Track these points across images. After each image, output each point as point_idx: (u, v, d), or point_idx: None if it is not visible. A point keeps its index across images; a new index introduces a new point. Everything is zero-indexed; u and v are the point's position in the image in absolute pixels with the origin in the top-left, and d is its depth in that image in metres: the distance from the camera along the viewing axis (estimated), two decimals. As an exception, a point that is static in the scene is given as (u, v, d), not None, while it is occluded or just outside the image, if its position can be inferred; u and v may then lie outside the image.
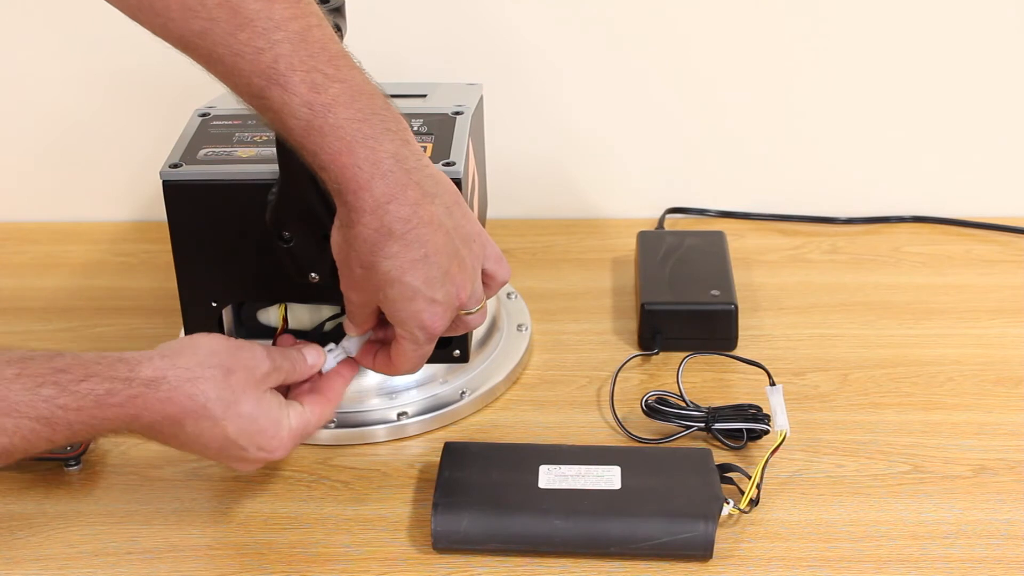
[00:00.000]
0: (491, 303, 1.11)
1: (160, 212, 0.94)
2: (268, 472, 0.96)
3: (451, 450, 0.93)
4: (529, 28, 1.25)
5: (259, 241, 0.91)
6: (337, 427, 0.99)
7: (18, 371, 0.75)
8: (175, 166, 0.93)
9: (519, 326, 1.11)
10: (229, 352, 0.82)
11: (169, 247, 0.94)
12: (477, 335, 1.05)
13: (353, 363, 0.91)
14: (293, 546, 0.89)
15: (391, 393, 1.01)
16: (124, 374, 0.77)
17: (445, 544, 0.87)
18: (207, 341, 0.83)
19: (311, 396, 0.88)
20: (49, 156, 1.32)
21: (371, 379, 1.00)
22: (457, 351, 0.98)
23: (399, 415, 1.00)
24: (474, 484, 0.90)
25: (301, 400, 0.87)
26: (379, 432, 0.99)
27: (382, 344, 0.89)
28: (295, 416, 0.85)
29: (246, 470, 0.87)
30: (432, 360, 0.98)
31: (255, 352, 0.84)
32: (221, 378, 0.80)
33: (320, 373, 0.89)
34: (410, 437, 1.00)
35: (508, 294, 1.16)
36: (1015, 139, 1.29)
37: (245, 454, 0.83)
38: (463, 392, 1.03)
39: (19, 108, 1.30)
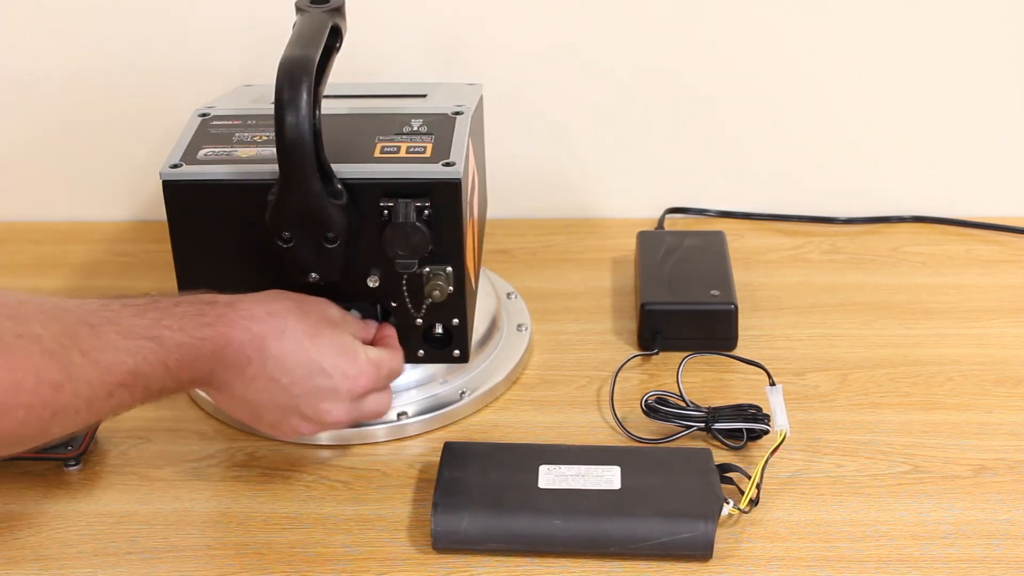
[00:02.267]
0: (491, 303, 1.11)
1: (160, 212, 0.94)
2: (268, 472, 0.96)
3: (451, 450, 0.93)
4: (529, 28, 1.25)
5: (259, 241, 0.91)
6: None
7: (123, 303, 0.79)
8: (175, 166, 0.92)
9: (519, 326, 1.11)
10: (299, 297, 0.89)
11: (169, 247, 0.94)
12: (477, 335, 1.05)
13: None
14: (293, 546, 0.89)
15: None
16: (207, 299, 0.83)
17: (445, 544, 0.87)
18: (273, 292, 0.89)
19: (378, 345, 0.93)
20: (49, 156, 1.32)
21: (371, 379, 1.01)
22: (457, 351, 0.98)
23: (399, 415, 1.00)
24: (474, 484, 0.90)
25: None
26: (379, 432, 0.99)
27: None
28: (371, 351, 0.90)
29: (334, 417, 0.88)
30: (432, 360, 0.98)
31: (323, 300, 0.91)
32: (293, 305, 0.86)
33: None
34: (410, 437, 1.00)
35: (508, 294, 1.16)
36: (1015, 139, 1.29)
37: (331, 382, 0.86)
38: (463, 392, 1.03)
39: (19, 108, 1.30)
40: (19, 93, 1.29)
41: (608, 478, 0.89)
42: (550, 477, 0.90)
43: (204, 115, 1.00)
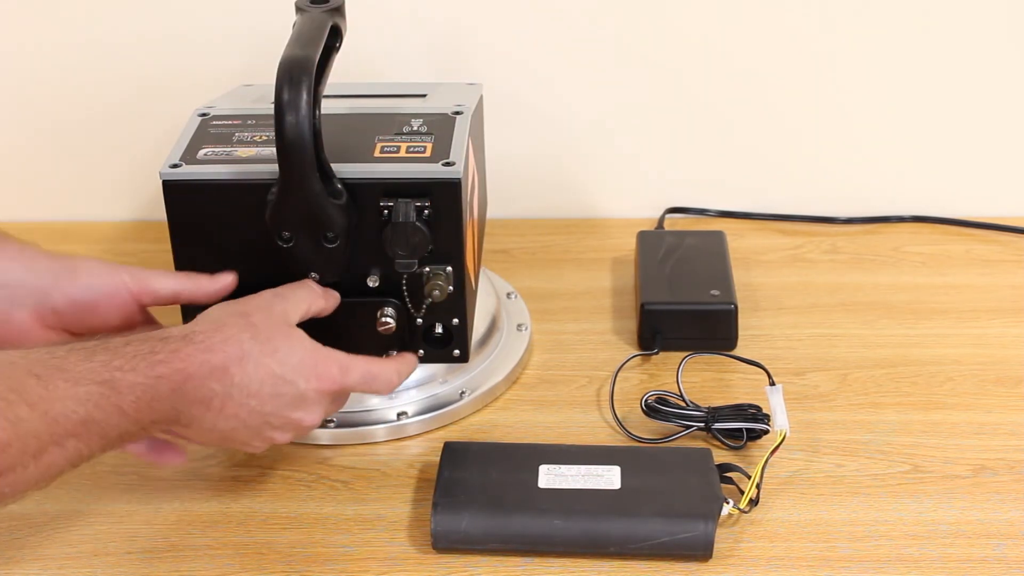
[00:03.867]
0: (491, 303, 1.11)
1: (160, 212, 0.93)
2: (268, 472, 0.96)
3: (451, 450, 0.93)
4: (529, 29, 1.25)
5: (259, 241, 0.91)
6: (337, 427, 0.99)
7: (69, 348, 0.77)
8: (175, 166, 0.92)
9: (519, 326, 1.11)
10: (236, 303, 0.86)
11: (169, 247, 0.94)
12: (477, 335, 1.05)
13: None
14: (292, 546, 0.89)
15: (391, 393, 1.01)
16: (159, 335, 0.80)
17: (445, 544, 0.87)
18: (213, 308, 0.86)
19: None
20: (49, 156, 1.32)
21: (371, 379, 1.01)
22: (457, 351, 0.98)
23: (399, 415, 1.00)
24: (474, 484, 0.90)
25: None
26: (379, 432, 1.00)
27: None
28: (345, 356, 0.88)
29: (308, 422, 0.86)
30: (432, 360, 0.98)
31: (261, 295, 0.88)
32: (243, 323, 0.83)
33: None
34: (410, 437, 1.00)
35: (508, 294, 1.16)
36: (1015, 139, 1.29)
37: (297, 389, 0.84)
38: (463, 392, 1.03)
39: (19, 108, 1.30)
40: (19, 93, 1.29)
41: (608, 478, 0.89)
42: (550, 477, 0.90)
43: (204, 115, 1.00)
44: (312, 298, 0.90)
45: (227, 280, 0.92)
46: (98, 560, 0.88)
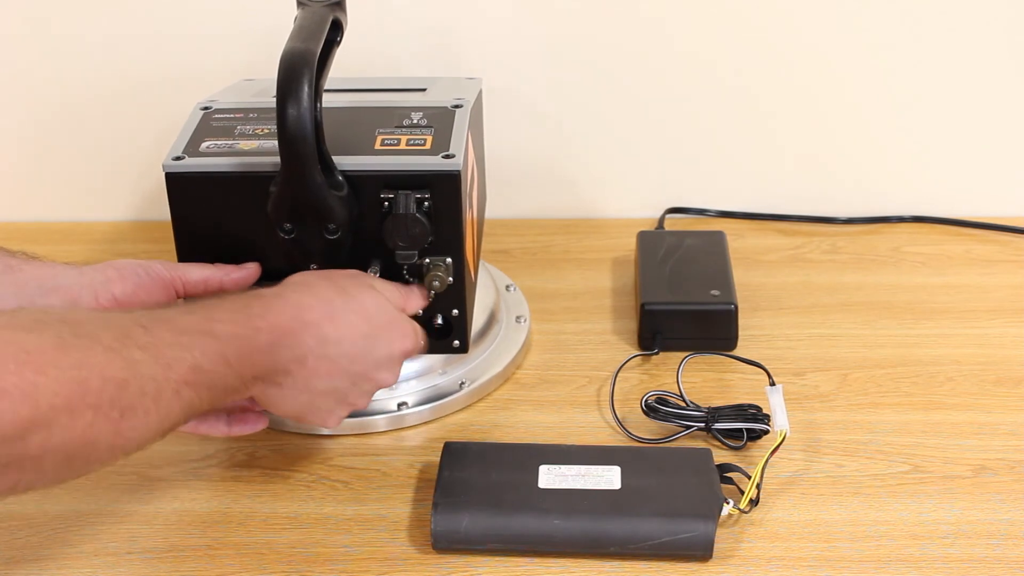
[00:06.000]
0: (490, 295, 1.11)
1: (160, 212, 0.94)
2: (268, 472, 0.96)
3: (451, 450, 0.93)
4: (529, 27, 1.25)
5: (261, 233, 0.91)
6: None
7: (167, 307, 0.80)
8: (178, 158, 0.93)
9: (518, 318, 1.12)
10: (331, 274, 0.89)
11: (169, 246, 0.94)
12: (476, 327, 1.05)
13: None
14: (293, 546, 0.89)
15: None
16: (252, 294, 0.83)
17: (445, 544, 0.87)
18: (299, 274, 0.89)
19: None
20: (49, 156, 1.32)
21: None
22: (457, 342, 0.98)
23: (399, 405, 1.00)
24: (474, 484, 0.90)
25: None
26: (379, 422, 1.00)
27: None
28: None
29: (388, 382, 0.88)
30: (432, 351, 0.98)
31: (349, 272, 0.91)
32: (331, 284, 0.86)
33: None
34: (409, 427, 1.00)
35: (507, 287, 1.16)
36: (1015, 139, 1.29)
37: (387, 349, 0.86)
38: (462, 383, 1.03)
39: (19, 108, 1.30)
40: (19, 93, 1.29)
41: (608, 478, 0.89)
42: (550, 477, 0.90)
43: (206, 108, 1.00)
44: (400, 291, 0.92)
45: (252, 268, 0.94)
46: (98, 560, 0.88)
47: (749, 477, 0.90)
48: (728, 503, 0.88)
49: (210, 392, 0.76)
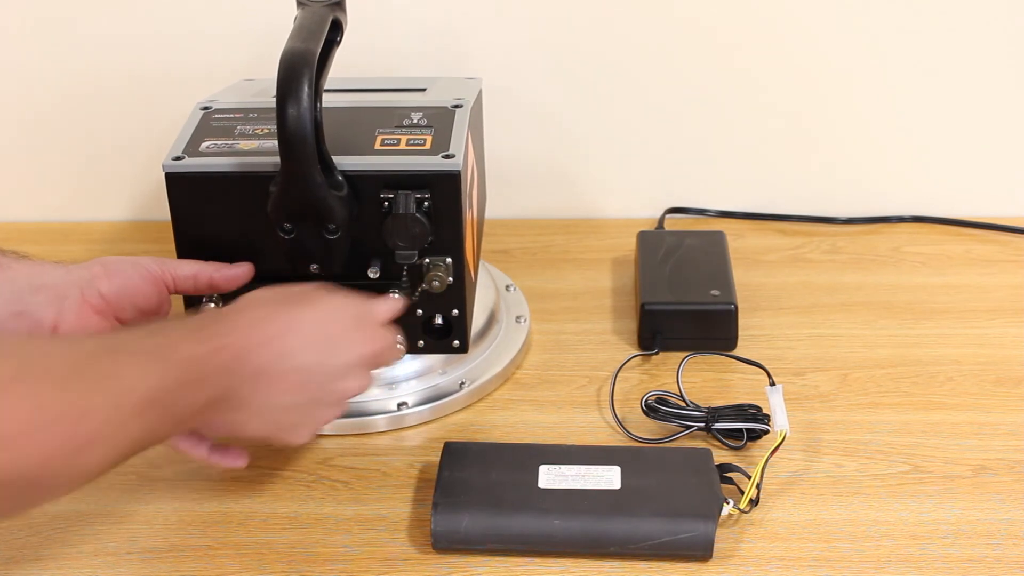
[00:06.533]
0: (490, 295, 1.11)
1: (160, 212, 0.94)
2: (268, 472, 0.96)
3: (451, 450, 0.93)
4: (529, 27, 1.25)
5: (261, 233, 0.92)
6: (337, 417, 0.99)
7: (124, 330, 0.80)
8: (178, 158, 0.93)
9: (518, 318, 1.12)
10: (276, 287, 0.87)
11: (169, 246, 0.94)
12: (476, 327, 1.05)
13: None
14: (292, 546, 0.89)
15: (391, 384, 1.02)
16: (205, 314, 0.84)
17: (445, 544, 0.87)
18: (253, 291, 0.87)
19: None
20: (49, 156, 1.32)
21: (371, 370, 1.02)
22: (457, 342, 0.98)
23: (399, 405, 1.00)
24: (474, 484, 0.89)
25: None
26: (379, 422, 1.00)
27: None
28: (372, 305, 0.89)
29: (355, 391, 0.86)
30: (432, 351, 0.98)
31: (302, 285, 0.89)
32: (283, 297, 0.85)
33: None
34: (410, 427, 1.00)
35: (507, 286, 1.16)
36: (1015, 139, 1.29)
37: (348, 355, 0.84)
38: (462, 383, 1.03)
39: (19, 108, 1.30)
40: (19, 93, 1.29)
41: (608, 478, 0.89)
42: (550, 477, 0.90)
43: (206, 108, 1.00)
44: (360, 296, 0.91)
45: (246, 268, 0.93)
46: (98, 560, 0.88)
47: (749, 477, 0.90)
48: (728, 503, 0.88)
49: (171, 416, 0.75)
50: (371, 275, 0.93)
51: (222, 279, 0.92)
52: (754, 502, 0.90)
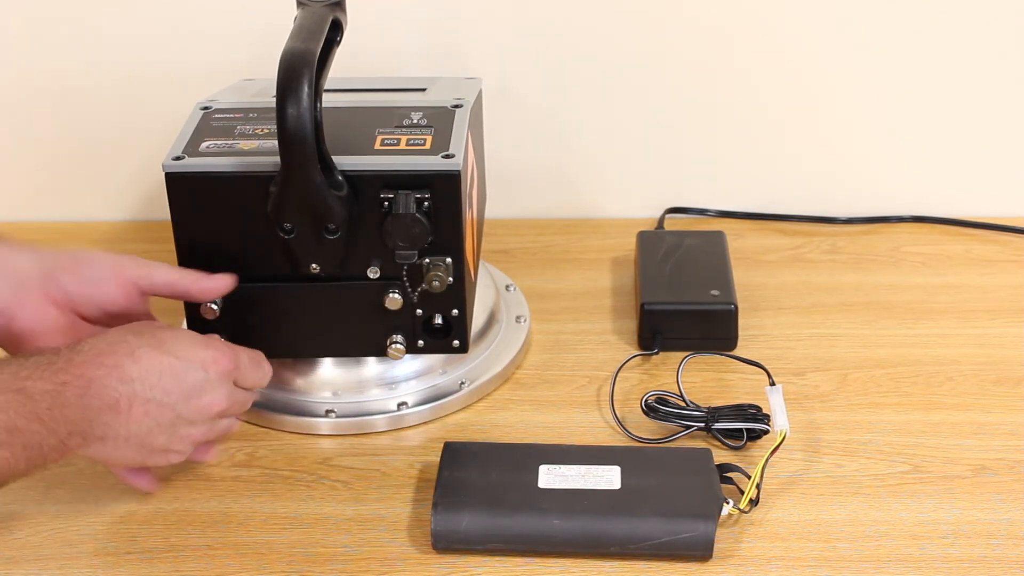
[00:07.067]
0: (490, 295, 1.11)
1: (160, 211, 0.94)
2: (268, 472, 0.96)
3: (451, 450, 0.93)
4: (529, 27, 1.25)
5: (261, 233, 0.92)
6: (337, 417, 0.99)
7: None
8: (178, 158, 0.93)
9: (518, 318, 1.12)
10: (126, 326, 0.86)
11: (169, 246, 0.94)
12: (476, 327, 1.05)
13: None
14: (292, 546, 0.89)
15: (391, 383, 1.02)
16: (50, 351, 0.80)
17: (445, 544, 0.87)
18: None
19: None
20: (49, 156, 1.32)
21: (371, 370, 1.02)
22: (456, 342, 0.98)
23: (399, 405, 1.00)
24: (474, 484, 0.90)
25: None
26: (379, 422, 1.00)
27: None
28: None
29: (219, 406, 0.86)
30: (432, 351, 0.98)
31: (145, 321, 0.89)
32: (126, 330, 0.84)
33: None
34: (410, 427, 1.00)
35: (507, 286, 1.16)
36: (1015, 139, 1.29)
37: (200, 373, 0.84)
38: (462, 383, 1.03)
39: (19, 108, 1.30)
40: (19, 93, 1.29)
41: (608, 478, 0.89)
42: (550, 477, 0.90)
43: (206, 108, 1.00)
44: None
45: (225, 281, 0.93)
46: (98, 560, 0.88)
47: (749, 477, 0.90)
48: (728, 503, 0.88)
49: (26, 452, 0.75)
50: (371, 275, 0.94)
51: (198, 291, 0.92)
52: (754, 502, 0.90)
